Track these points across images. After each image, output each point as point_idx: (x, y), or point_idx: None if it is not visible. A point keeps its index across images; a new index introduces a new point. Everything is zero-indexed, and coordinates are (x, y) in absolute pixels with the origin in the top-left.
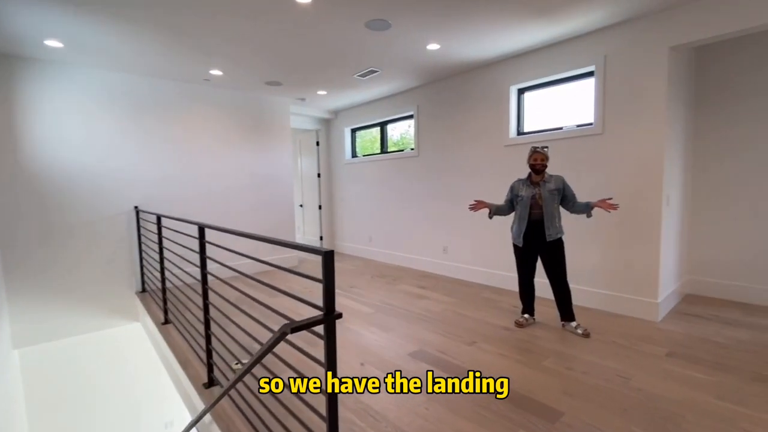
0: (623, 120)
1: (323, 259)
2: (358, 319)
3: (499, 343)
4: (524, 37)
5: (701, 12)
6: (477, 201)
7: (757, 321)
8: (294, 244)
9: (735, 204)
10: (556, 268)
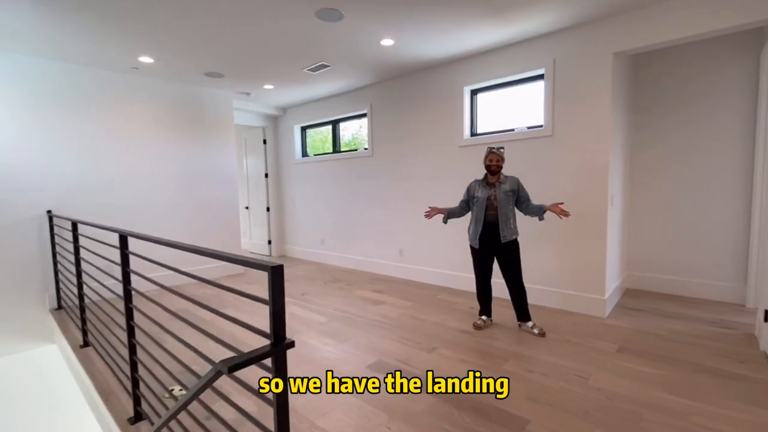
0: (572, 122)
1: (270, 276)
2: (311, 330)
3: (459, 347)
4: (478, 37)
5: (641, 20)
6: (431, 208)
7: (691, 313)
8: (232, 257)
9: (669, 203)
10: (511, 269)
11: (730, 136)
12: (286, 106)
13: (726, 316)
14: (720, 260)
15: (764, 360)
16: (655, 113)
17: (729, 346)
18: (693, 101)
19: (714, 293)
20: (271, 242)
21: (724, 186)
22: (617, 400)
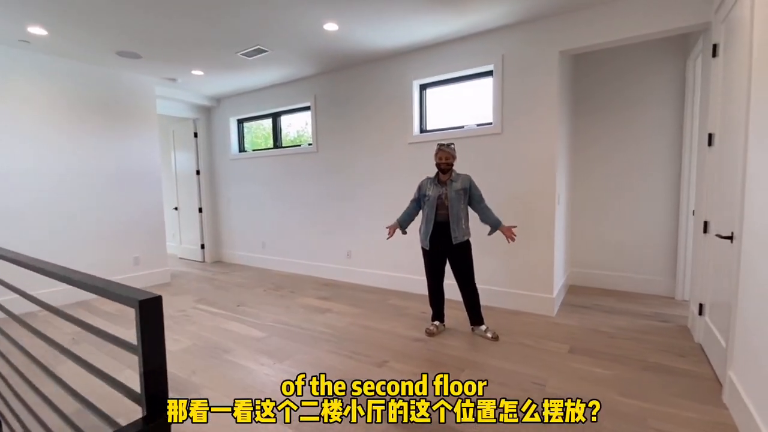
0: (520, 120)
1: (140, 314)
2: (247, 348)
3: (412, 359)
4: (427, 27)
5: (586, 20)
6: (388, 228)
7: (630, 307)
8: (86, 282)
9: (605, 201)
10: (463, 271)
11: (660, 138)
12: (221, 95)
13: (660, 310)
14: (652, 256)
15: (700, 352)
16: (591, 114)
17: (668, 340)
18: (627, 104)
19: (647, 287)
20: (204, 247)
21: (655, 185)
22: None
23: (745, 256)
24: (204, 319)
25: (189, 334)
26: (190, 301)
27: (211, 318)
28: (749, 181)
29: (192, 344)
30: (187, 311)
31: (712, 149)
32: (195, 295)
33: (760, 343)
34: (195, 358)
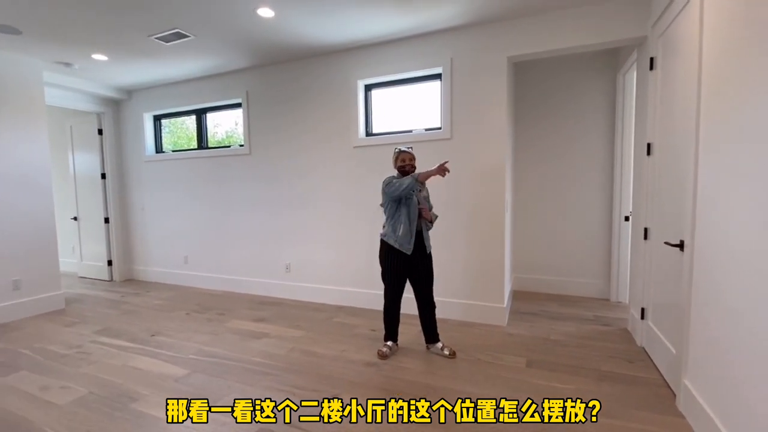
0: (469, 126)
1: None
2: (161, 392)
3: (365, 388)
4: (374, 23)
5: (533, 28)
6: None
7: (572, 312)
8: None
9: (545, 205)
10: (428, 283)
11: (594, 147)
12: (132, 87)
13: (600, 313)
14: (587, 260)
15: (645, 356)
16: (529, 120)
17: (613, 345)
18: (563, 113)
19: (584, 290)
20: (111, 263)
21: (589, 192)
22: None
23: (698, 264)
24: (106, 356)
25: (84, 379)
26: (89, 333)
27: (116, 354)
28: (701, 192)
29: (87, 393)
30: (84, 346)
31: (651, 158)
32: (96, 325)
33: (719, 351)
34: (90, 413)
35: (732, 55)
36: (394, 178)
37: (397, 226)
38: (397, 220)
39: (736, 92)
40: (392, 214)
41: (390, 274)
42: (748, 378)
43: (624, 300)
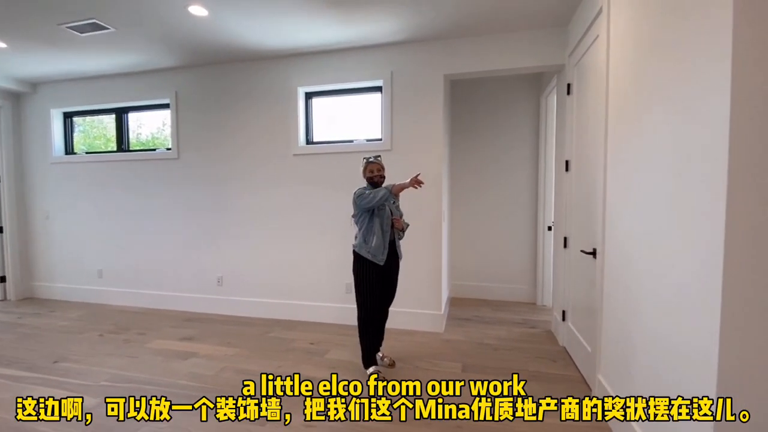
0: (409, 138)
1: None
2: (62, 426)
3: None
4: (313, 30)
5: (467, 49)
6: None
7: (504, 316)
8: None
9: (478, 217)
10: (394, 291)
11: (520, 162)
12: (38, 79)
13: (527, 316)
14: (515, 267)
15: (566, 355)
16: (462, 135)
17: (539, 346)
18: (493, 130)
19: (513, 295)
20: (5, 280)
21: (517, 203)
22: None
23: (607, 270)
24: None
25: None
26: None
27: (9, 386)
28: (609, 205)
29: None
30: None
31: (569, 174)
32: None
33: (624, 347)
34: None
35: (628, 88)
36: (366, 189)
37: (369, 237)
38: (369, 231)
39: (629, 122)
40: (364, 225)
41: (366, 287)
42: (643, 369)
43: (548, 303)
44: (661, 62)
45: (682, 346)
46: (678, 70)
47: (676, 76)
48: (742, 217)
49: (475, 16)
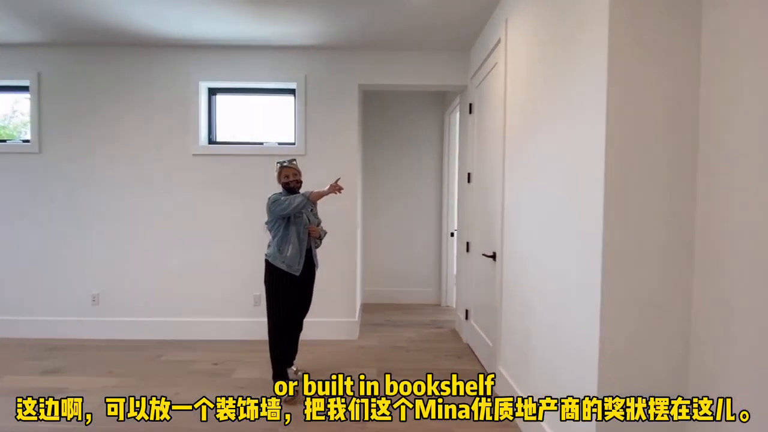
0: (324, 144)
1: None
2: None
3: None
4: (218, 20)
5: (379, 62)
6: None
7: (413, 318)
8: None
9: (387, 223)
10: (309, 302)
11: (428, 171)
12: None
13: (434, 317)
14: (423, 270)
15: (470, 351)
16: (376, 144)
17: (446, 345)
18: (402, 141)
19: (421, 298)
20: None
21: (423, 210)
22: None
23: (505, 271)
24: None
25: None
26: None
27: None
28: (506, 213)
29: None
30: None
31: (471, 185)
32: None
33: (520, 339)
34: None
35: (523, 110)
36: (281, 195)
37: (284, 246)
38: (284, 240)
39: (524, 141)
40: (279, 234)
41: (279, 299)
42: (538, 359)
43: (452, 304)
44: (549, 89)
45: (570, 337)
46: (563, 95)
47: (563, 101)
48: (616, 223)
49: (383, 33)
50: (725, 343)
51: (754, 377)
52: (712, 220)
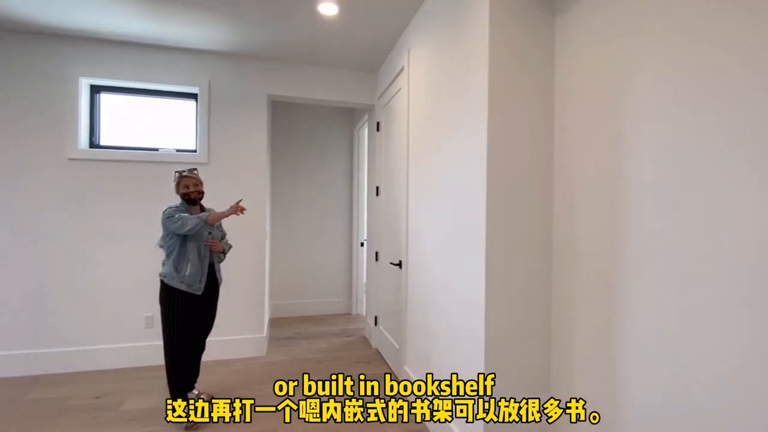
0: (230, 153)
1: None
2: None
3: None
4: (108, 12)
5: (289, 74)
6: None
7: (324, 329)
8: None
9: (297, 234)
10: (211, 321)
11: (339, 183)
12: None
13: (344, 326)
14: (334, 280)
15: (379, 356)
16: (287, 154)
17: (357, 352)
18: (313, 153)
19: (332, 308)
20: None
21: (334, 221)
22: None
23: (410, 277)
24: None
25: None
26: None
27: None
28: (411, 224)
29: None
30: None
31: (379, 198)
32: None
33: (422, 339)
34: None
35: (423, 132)
36: (177, 210)
37: (181, 264)
38: (181, 258)
39: (424, 159)
40: (175, 251)
41: (178, 320)
42: (438, 354)
43: (362, 312)
44: (444, 114)
45: (464, 333)
46: (455, 123)
47: (454, 129)
48: (494, 234)
49: (295, 47)
50: (570, 346)
51: (590, 374)
52: (566, 229)
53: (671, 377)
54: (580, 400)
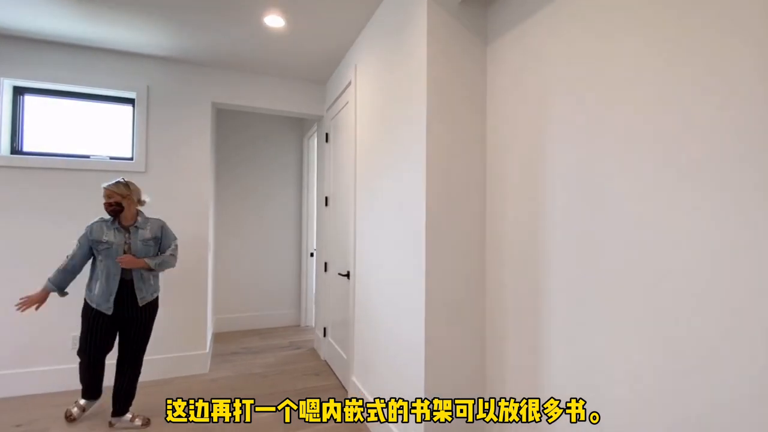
0: (169, 161)
1: None
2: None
3: None
4: (34, 9)
5: (235, 82)
6: (25, 300)
7: (271, 342)
8: None
9: (243, 245)
10: (138, 342)
11: (287, 193)
12: None
13: (293, 338)
14: (282, 292)
15: (328, 367)
16: (233, 163)
17: (305, 364)
18: (265, 160)
19: (280, 320)
20: None
21: (282, 232)
22: None
23: (357, 288)
24: None
25: None
26: None
27: None
28: (358, 235)
29: None
30: None
31: (328, 208)
32: None
33: (368, 349)
34: None
35: (369, 145)
36: (103, 222)
37: (92, 282)
38: (93, 276)
39: (368, 172)
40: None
41: (87, 335)
42: (382, 363)
43: (311, 324)
44: (387, 129)
45: (406, 340)
46: (398, 135)
47: (397, 146)
48: (433, 245)
49: (241, 55)
50: (502, 349)
51: (519, 376)
52: (494, 241)
53: (578, 375)
54: (581, 400)
